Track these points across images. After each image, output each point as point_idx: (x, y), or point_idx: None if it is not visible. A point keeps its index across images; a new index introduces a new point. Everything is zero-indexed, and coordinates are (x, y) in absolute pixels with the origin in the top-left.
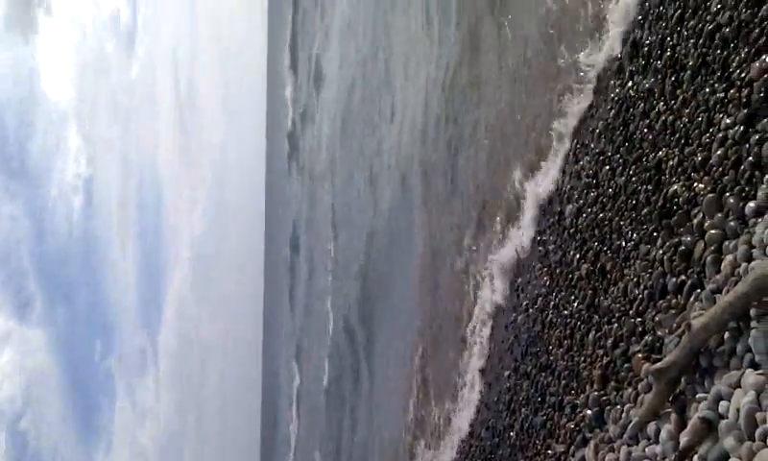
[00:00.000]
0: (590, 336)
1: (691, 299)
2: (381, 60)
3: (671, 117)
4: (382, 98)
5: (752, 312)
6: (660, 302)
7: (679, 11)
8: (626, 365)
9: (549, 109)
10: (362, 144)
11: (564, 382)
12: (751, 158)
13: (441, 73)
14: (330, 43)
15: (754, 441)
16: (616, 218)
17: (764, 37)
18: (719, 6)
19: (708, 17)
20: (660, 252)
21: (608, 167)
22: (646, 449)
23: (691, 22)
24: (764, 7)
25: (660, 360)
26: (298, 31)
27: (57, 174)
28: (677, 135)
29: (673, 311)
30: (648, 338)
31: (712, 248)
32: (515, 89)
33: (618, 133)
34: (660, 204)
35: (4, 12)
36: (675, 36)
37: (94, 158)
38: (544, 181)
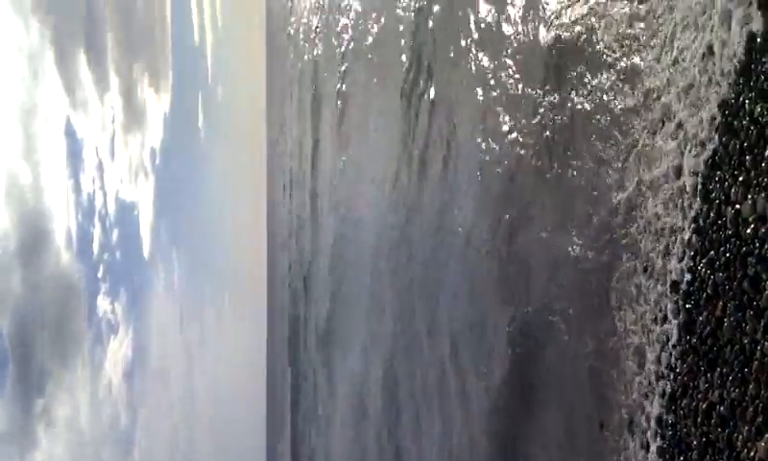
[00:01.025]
0: None
1: None
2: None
3: None
4: None
5: None
6: None
7: (669, 389)
8: None
9: None
10: None
11: None
12: None
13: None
14: (333, 429)
15: None
16: None
17: (761, 416)
18: (706, 385)
19: (699, 395)
20: None
21: None
22: None
23: (684, 400)
24: (751, 386)
25: None
26: (298, 427)
27: None
28: None
29: None
30: None
31: None
32: None
33: None
34: None
35: (2, 429)
36: (671, 414)
37: None
38: None
